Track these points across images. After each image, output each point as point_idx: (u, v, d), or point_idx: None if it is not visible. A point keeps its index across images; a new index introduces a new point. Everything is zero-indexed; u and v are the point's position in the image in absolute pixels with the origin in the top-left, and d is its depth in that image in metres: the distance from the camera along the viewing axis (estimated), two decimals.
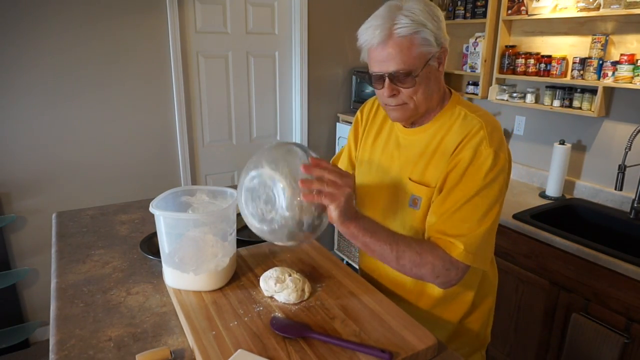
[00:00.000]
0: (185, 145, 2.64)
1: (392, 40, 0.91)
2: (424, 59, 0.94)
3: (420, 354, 0.85)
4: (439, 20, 0.94)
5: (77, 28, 2.21)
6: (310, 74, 2.91)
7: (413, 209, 1.04)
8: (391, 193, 1.09)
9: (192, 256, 1.02)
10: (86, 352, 0.87)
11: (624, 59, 1.87)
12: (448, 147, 0.99)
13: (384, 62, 0.94)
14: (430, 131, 1.04)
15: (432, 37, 0.92)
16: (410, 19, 0.90)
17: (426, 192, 1.01)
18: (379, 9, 0.96)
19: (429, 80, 0.97)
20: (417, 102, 0.98)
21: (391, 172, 1.10)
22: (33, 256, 2.37)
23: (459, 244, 0.92)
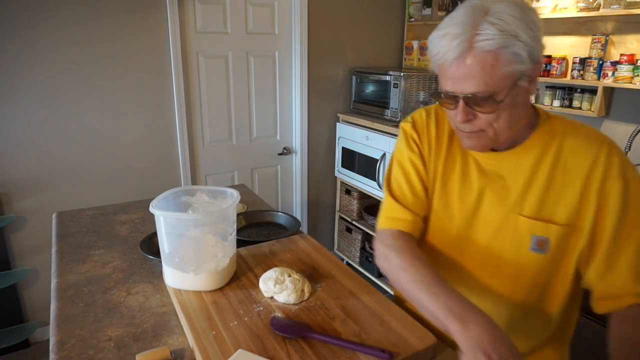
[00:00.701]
0: (185, 145, 2.64)
1: (473, 56, 0.73)
2: (511, 79, 0.74)
3: (420, 354, 0.85)
4: (536, 28, 0.73)
5: (76, 28, 2.21)
6: (310, 74, 2.91)
7: (538, 253, 0.85)
8: (493, 239, 0.89)
9: (192, 256, 1.02)
10: (86, 352, 0.87)
11: (624, 59, 1.87)
12: (571, 172, 0.82)
13: (459, 81, 0.76)
14: (533, 152, 0.85)
15: (524, 52, 0.72)
16: (498, 29, 0.71)
17: (555, 232, 0.83)
18: (458, 11, 0.76)
19: (515, 104, 0.78)
20: (497, 130, 0.80)
21: (483, 207, 0.89)
22: (33, 256, 2.37)
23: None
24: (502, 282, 0.89)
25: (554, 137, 0.85)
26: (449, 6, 2.69)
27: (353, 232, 3.08)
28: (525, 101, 0.80)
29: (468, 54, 0.73)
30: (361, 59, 3.05)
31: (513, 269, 0.88)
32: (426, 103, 2.72)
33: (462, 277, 0.94)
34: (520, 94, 0.78)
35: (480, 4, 0.75)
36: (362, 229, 2.97)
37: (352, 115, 2.95)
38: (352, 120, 2.91)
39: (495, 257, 0.89)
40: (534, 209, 0.84)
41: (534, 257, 0.85)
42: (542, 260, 0.85)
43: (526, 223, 0.85)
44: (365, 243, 3.02)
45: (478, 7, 0.74)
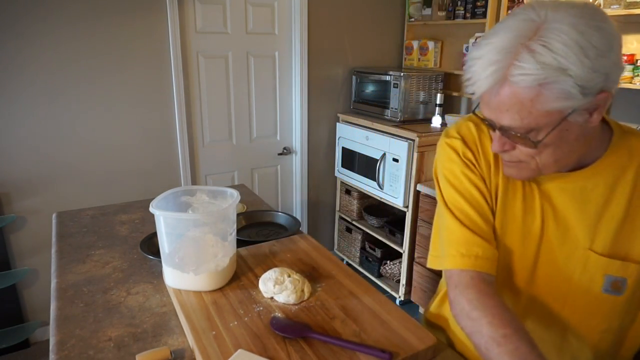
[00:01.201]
0: (185, 145, 2.64)
1: (507, 88, 0.62)
2: (558, 116, 0.62)
3: (420, 354, 0.85)
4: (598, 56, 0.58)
5: (76, 28, 2.21)
6: (310, 74, 2.91)
7: (612, 295, 0.74)
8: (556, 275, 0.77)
9: (192, 256, 1.02)
10: (86, 352, 0.87)
11: (624, 59, 1.87)
12: None
13: (494, 111, 0.66)
14: (605, 177, 0.73)
15: (575, 89, 0.59)
16: (539, 63, 0.58)
17: (634, 271, 0.72)
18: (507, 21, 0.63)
19: (564, 141, 0.66)
20: (540, 164, 0.70)
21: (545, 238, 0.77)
22: (33, 256, 2.37)
23: None
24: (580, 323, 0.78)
25: (632, 157, 0.73)
26: (449, 6, 2.69)
27: (353, 232, 3.08)
28: (583, 134, 0.67)
29: (503, 86, 0.62)
30: (361, 59, 3.05)
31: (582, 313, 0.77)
32: (426, 103, 2.72)
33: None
34: (572, 129, 0.65)
35: (532, 18, 0.61)
36: (362, 229, 2.97)
37: (352, 115, 2.95)
38: (352, 120, 2.91)
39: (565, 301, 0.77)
40: (607, 244, 0.72)
41: (607, 299, 0.74)
42: (615, 302, 0.74)
43: (598, 261, 0.73)
44: (365, 243, 3.02)
45: (528, 23, 0.61)
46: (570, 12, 0.60)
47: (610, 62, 0.60)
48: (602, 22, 0.60)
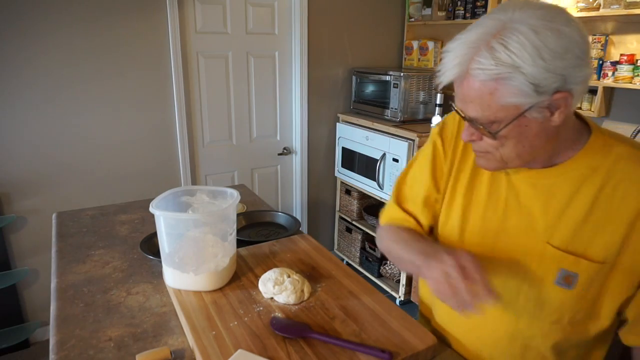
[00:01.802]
0: (185, 145, 2.64)
1: (468, 82, 0.67)
2: (514, 111, 0.67)
3: (420, 354, 0.85)
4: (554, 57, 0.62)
5: (76, 28, 2.21)
6: (310, 74, 2.91)
7: (563, 287, 0.77)
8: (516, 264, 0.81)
9: (192, 256, 1.02)
10: (86, 352, 0.87)
11: (624, 59, 1.87)
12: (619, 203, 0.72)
13: (462, 101, 0.72)
14: (574, 175, 0.75)
15: (528, 87, 0.63)
16: (495, 59, 0.63)
17: (587, 269, 0.74)
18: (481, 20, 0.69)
19: (523, 135, 0.70)
20: (504, 156, 0.74)
21: (509, 228, 0.81)
22: (33, 256, 2.37)
23: None
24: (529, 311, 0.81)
25: (604, 160, 0.74)
26: (449, 6, 2.69)
27: (353, 232, 3.08)
28: (545, 131, 0.70)
29: (465, 79, 0.68)
30: (361, 59, 3.05)
31: (534, 302, 0.80)
32: (426, 103, 2.72)
33: None
34: (531, 126, 0.69)
35: (500, 18, 0.66)
36: (362, 229, 2.97)
37: (352, 115, 2.95)
38: (352, 121, 2.91)
39: (519, 289, 0.81)
40: (567, 239, 0.76)
41: (558, 291, 0.77)
42: (566, 296, 0.77)
43: (554, 254, 0.76)
44: (365, 243, 3.02)
45: (495, 22, 0.66)
46: (534, 14, 0.64)
47: (567, 64, 0.63)
48: (563, 26, 0.63)
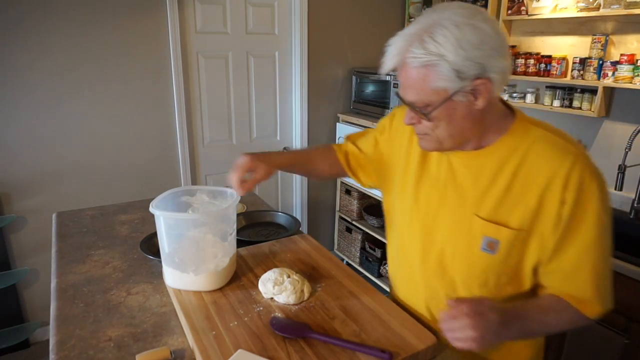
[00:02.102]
0: (185, 145, 2.64)
1: (405, 69, 0.80)
2: (443, 95, 0.79)
3: (420, 354, 0.85)
4: (472, 48, 0.75)
5: (77, 28, 2.21)
6: (310, 74, 2.91)
7: (488, 253, 0.87)
8: (450, 230, 0.92)
9: (192, 256, 1.02)
10: (86, 352, 0.87)
11: (624, 59, 1.87)
12: (532, 179, 0.83)
13: (402, 88, 0.84)
14: (497, 157, 0.87)
15: (451, 72, 0.76)
16: (424, 49, 0.76)
17: (507, 235, 0.85)
18: (417, 18, 0.82)
19: (452, 117, 0.82)
20: (439, 136, 0.85)
21: (446, 204, 0.93)
22: (33, 256, 2.37)
23: (596, 306, 0.86)
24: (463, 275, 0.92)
25: (523, 142, 0.86)
26: None
27: (353, 232, 3.08)
28: (471, 114, 0.82)
29: (403, 68, 0.80)
30: (361, 59, 3.05)
31: (464, 266, 0.92)
32: None
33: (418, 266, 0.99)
34: (459, 108, 0.81)
35: (432, 16, 0.78)
36: (362, 229, 2.97)
37: (352, 115, 2.95)
38: (352, 121, 2.91)
39: (454, 255, 0.92)
40: (490, 211, 0.87)
41: (483, 256, 0.88)
42: (491, 260, 0.88)
43: (480, 224, 0.87)
44: (365, 243, 3.02)
45: (428, 20, 0.78)
46: (457, 13, 0.77)
47: (484, 54, 0.76)
48: (479, 22, 0.76)
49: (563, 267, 0.85)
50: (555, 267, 0.86)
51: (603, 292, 0.86)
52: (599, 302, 0.86)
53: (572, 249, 0.83)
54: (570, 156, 0.82)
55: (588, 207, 0.81)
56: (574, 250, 0.83)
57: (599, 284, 0.85)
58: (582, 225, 0.82)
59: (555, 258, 0.85)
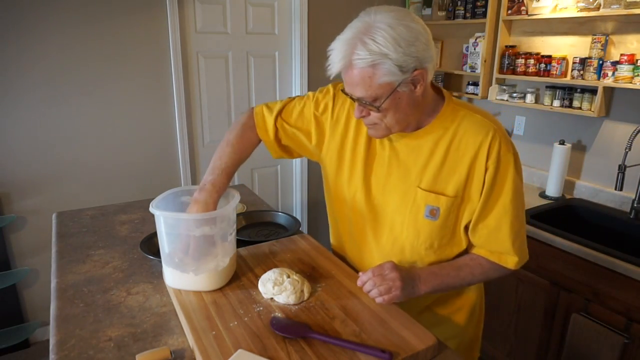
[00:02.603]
0: (185, 145, 2.64)
1: (352, 70, 0.89)
2: (389, 88, 0.89)
3: (420, 354, 0.85)
4: (408, 45, 0.85)
5: (77, 28, 2.21)
6: (310, 74, 2.91)
7: (431, 219, 1.01)
8: (398, 203, 1.04)
9: (192, 256, 1.02)
10: (86, 352, 0.87)
11: (624, 59, 1.87)
12: (462, 152, 0.97)
13: (349, 86, 0.93)
14: (432, 136, 1.00)
15: (394, 68, 0.86)
16: (368, 50, 0.84)
17: (445, 202, 0.99)
18: (352, 23, 0.91)
19: (398, 105, 0.93)
20: (388, 124, 0.96)
21: (391, 180, 1.05)
22: (33, 256, 2.37)
23: (513, 257, 1.01)
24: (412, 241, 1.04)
25: (452, 122, 0.99)
26: (449, 6, 2.69)
27: None
28: (413, 100, 0.93)
29: (349, 68, 0.89)
30: None
31: (412, 233, 1.03)
32: None
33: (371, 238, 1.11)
34: (402, 98, 0.92)
35: (366, 20, 0.88)
36: None
37: None
38: None
39: (402, 223, 1.04)
40: (430, 183, 1.00)
41: (427, 223, 1.01)
42: (433, 225, 1.01)
43: (422, 194, 1.00)
44: None
45: (363, 23, 0.87)
46: (389, 15, 0.87)
47: (418, 49, 0.87)
48: (410, 22, 0.87)
49: (488, 225, 0.99)
50: (482, 226, 1.00)
51: (519, 245, 1.01)
52: (516, 253, 1.00)
53: (495, 209, 0.98)
54: (490, 131, 0.96)
55: (505, 173, 0.96)
56: (496, 211, 0.98)
57: (515, 238, 0.99)
58: (502, 189, 0.97)
59: (481, 218, 0.99)
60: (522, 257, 1.02)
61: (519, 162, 0.99)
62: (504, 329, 2.02)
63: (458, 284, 1.03)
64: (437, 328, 1.05)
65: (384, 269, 0.95)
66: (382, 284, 0.93)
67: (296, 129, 1.17)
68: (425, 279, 0.98)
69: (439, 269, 1.01)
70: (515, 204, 0.98)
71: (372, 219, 1.09)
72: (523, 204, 1.02)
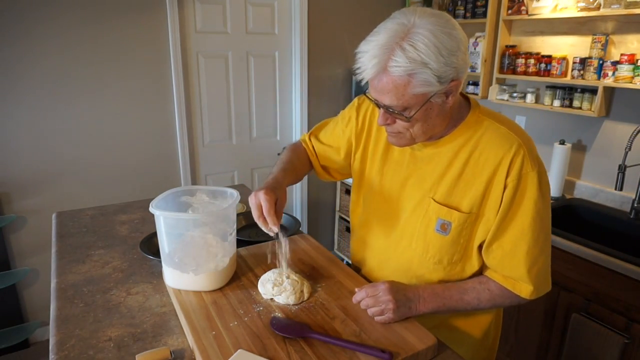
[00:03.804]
0: (185, 145, 2.64)
1: (386, 76, 0.82)
2: (422, 98, 0.84)
3: (420, 354, 0.85)
4: (449, 54, 0.79)
5: (77, 28, 2.21)
6: (310, 74, 2.91)
7: (441, 234, 0.96)
8: (410, 213, 1.00)
9: (192, 256, 1.02)
10: (86, 352, 0.87)
11: (624, 58, 1.87)
12: (481, 166, 0.91)
13: (378, 92, 0.86)
14: (453, 145, 0.94)
15: (433, 78, 0.80)
16: (408, 58, 0.78)
17: (458, 218, 0.93)
18: (385, 25, 0.83)
19: (428, 116, 0.88)
20: (414, 134, 0.91)
21: (407, 188, 1.01)
22: (33, 256, 2.37)
23: (528, 286, 0.92)
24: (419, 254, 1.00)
25: (476, 132, 0.93)
26: (449, 6, 2.69)
27: None
28: (442, 111, 0.89)
29: (383, 75, 0.82)
30: None
31: (421, 246, 0.99)
32: None
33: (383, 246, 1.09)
34: (434, 108, 0.87)
35: (404, 23, 0.80)
36: None
37: None
38: None
39: (412, 235, 1.01)
40: (444, 195, 0.95)
41: (437, 237, 0.96)
42: (444, 241, 0.96)
43: (435, 207, 0.95)
44: None
45: (401, 26, 0.80)
46: (429, 21, 0.80)
47: (459, 59, 0.81)
48: (452, 30, 0.81)
49: (503, 247, 0.92)
50: (496, 247, 0.93)
51: (535, 274, 0.92)
52: (531, 282, 0.92)
53: (510, 231, 0.91)
54: (514, 145, 0.89)
55: (526, 193, 0.89)
56: (512, 232, 0.91)
57: (533, 265, 0.91)
58: (520, 209, 0.89)
59: (496, 239, 0.92)
60: (539, 286, 0.93)
61: (546, 182, 0.91)
62: (504, 329, 2.02)
63: (462, 307, 0.96)
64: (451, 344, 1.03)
65: (377, 290, 0.92)
66: (375, 305, 0.91)
67: (327, 146, 1.19)
68: (425, 299, 0.93)
69: (442, 289, 0.96)
70: (534, 228, 0.90)
71: (384, 227, 1.07)
72: (547, 229, 0.93)
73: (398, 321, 0.92)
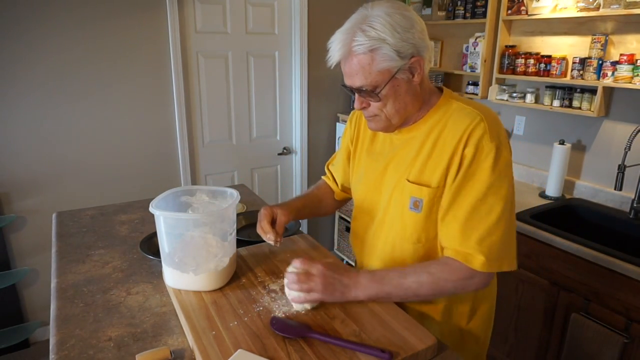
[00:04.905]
0: (185, 145, 2.64)
1: (352, 57, 0.91)
2: (387, 74, 0.91)
3: (420, 354, 0.85)
4: (404, 31, 0.89)
5: (77, 28, 2.21)
6: (310, 74, 2.92)
7: (414, 212, 0.99)
8: (389, 197, 1.05)
9: (192, 256, 1.02)
10: (86, 352, 0.87)
11: (624, 59, 1.87)
12: (447, 142, 0.95)
13: (349, 77, 0.94)
14: (425, 128, 1.00)
15: (393, 52, 0.89)
16: (367, 36, 0.88)
17: (427, 193, 0.97)
18: (351, 17, 0.94)
19: (397, 93, 0.94)
20: (387, 114, 0.97)
21: (387, 175, 1.06)
22: (33, 256, 2.37)
23: (478, 256, 0.90)
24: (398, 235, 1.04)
25: (445, 113, 0.99)
26: (449, 6, 2.69)
27: None
28: (411, 89, 0.96)
29: (349, 57, 0.91)
30: None
31: (400, 226, 1.03)
32: None
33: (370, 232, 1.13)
34: (402, 85, 0.94)
35: (363, 12, 0.92)
36: None
37: None
38: None
39: (391, 216, 1.05)
40: (417, 175, 0.99)
41: (412, 215, 1.00)
42: (417, 218, 1.00)
43: (409, 187, 1.00)
44: None
45: (360, 16, 0.92)
46: (385, 6, 0.91)
47: (415, 36, 0.90)
48: (405, 11, 0.91)
49: (457, 218, 0.93)
50: (451, 218, 0.94)
51: (488, 246, 0.91)
52: (482, 253, 0.90)
53: (464, 200, 0.92)
54: (476, 119, 0.93)
55: (481, 164, 0.91)
56: (466, 202, 0.92)
57: (484, 237, 0.91)
58: (473, 179, 0.92)
59: (451, 209, 0.94)
60: (491, 259, 0.90)
61: (504, 157, 0.92)
62: (503, 329, 2.02)
63: (402, 293, 0.94)
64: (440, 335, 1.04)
65: (312, 268, 0.94)
66: (305, 282, 0.92)
67: (340, 164, 1.27)
68: (363, 285, 0.94)
69: (382, 274, 0.96)
70: (488, 199, 0.90)
71: (368, 214, 1.13)
72: (506, 205, 0.92)
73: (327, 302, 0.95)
